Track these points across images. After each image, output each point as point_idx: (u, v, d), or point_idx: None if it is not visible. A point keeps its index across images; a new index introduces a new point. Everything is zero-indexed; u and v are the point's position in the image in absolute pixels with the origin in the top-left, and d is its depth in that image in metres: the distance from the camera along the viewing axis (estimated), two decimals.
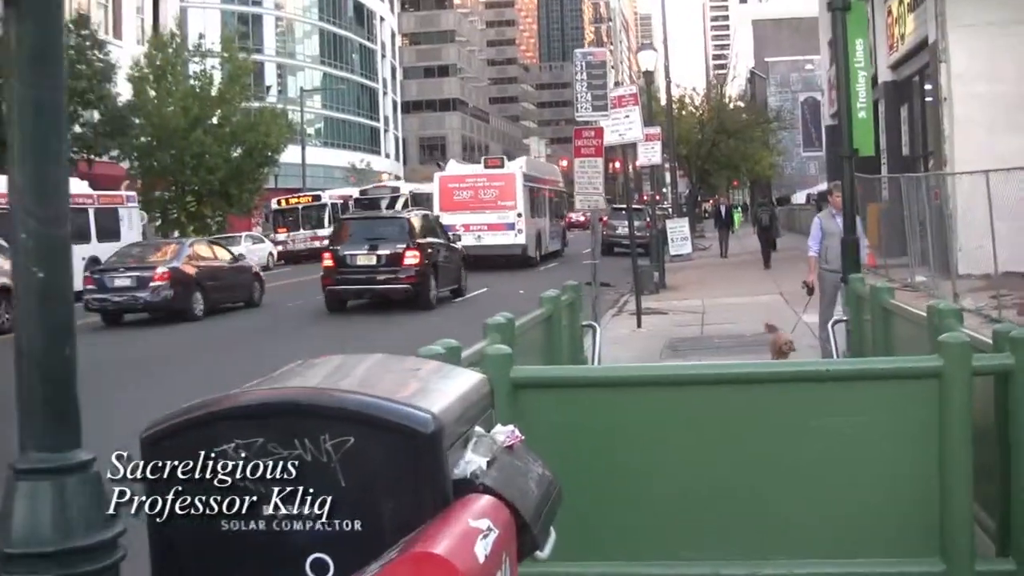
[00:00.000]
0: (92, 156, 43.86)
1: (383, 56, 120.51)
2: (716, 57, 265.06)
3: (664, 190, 57.68)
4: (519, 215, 39.66)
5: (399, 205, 48.59)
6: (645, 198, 39.83)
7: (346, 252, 25.96)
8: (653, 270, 27.87)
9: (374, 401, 3.08)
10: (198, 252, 27.75)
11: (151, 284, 25.18)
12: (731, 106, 59.79)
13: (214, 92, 52.82)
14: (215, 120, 52.51)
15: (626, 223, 26.75)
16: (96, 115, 43.93)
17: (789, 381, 5.46)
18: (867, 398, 5.27)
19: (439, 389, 3.45)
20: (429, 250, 26.72)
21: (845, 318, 11.30)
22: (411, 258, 25.63)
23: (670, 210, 44.84)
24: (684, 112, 54.01)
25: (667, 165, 42.61)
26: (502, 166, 41.98)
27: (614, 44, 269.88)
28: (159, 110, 49.35)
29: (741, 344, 17.12)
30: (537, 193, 44.18)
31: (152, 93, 50.35)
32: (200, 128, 49.91)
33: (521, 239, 39.42)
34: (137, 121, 48.63)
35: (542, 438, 4.44)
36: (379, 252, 25.73)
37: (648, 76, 31.94)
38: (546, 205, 46.15)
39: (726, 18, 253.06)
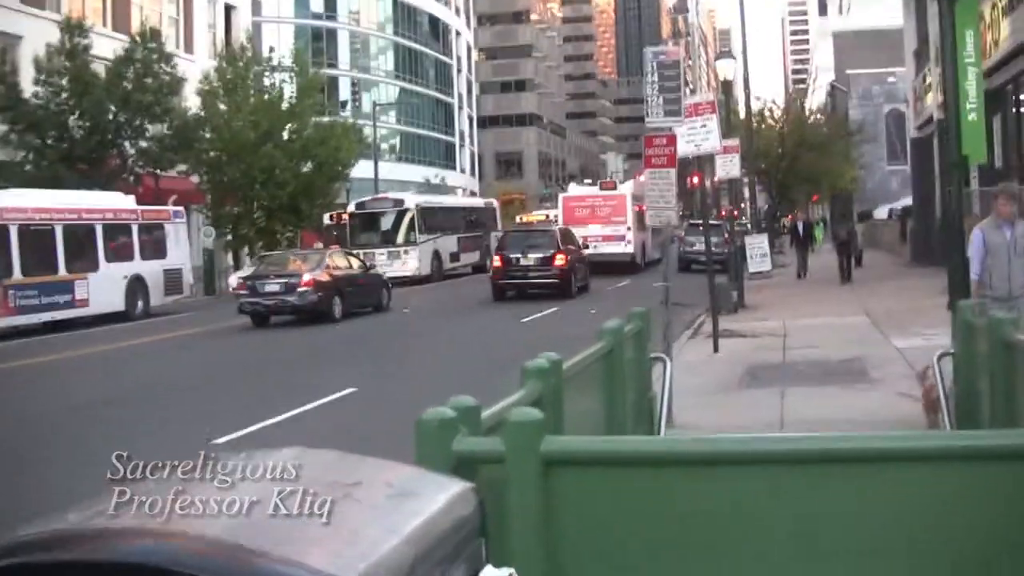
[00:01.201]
0: (158, 170, 43.25)
1: (459, 71, 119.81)
2: (796, 71, 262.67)
3: (743, 205, 56.42)
4: (628, 228, 47.27)
5: (404, 222, 47.95)
6: (723, 213, 40.86)
7: (511, 255, 34.56)
8: (731, 289, 26.43)
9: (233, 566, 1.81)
10: (336, 262, 31.76)
11: (298, 290, 29.03)
12: (811, 119, 58.20)
13: (284, 106, 52.23)
14: (285, 135, 51.87)
15: (703, 239, 25.95)
16: (163, 129, 43.30)
17: (938, 459, 4.05)
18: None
19: (382, 522, 2.11)
20: (570, 254, 35.23)
21: (952, 351, 9.79)
22: (559, 260, 34.33)
23: (749, 226, 44.17)
24: (764, 125, 52.54)
25: (746, 179, 42.07)
26: (614, 188, 51.44)
27: (693, 59, 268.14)
28: (229, 124, 48.77)
29: (827, 372, 15.78)
30: (641, 210, 47.53)
31: (222, 107, 49.82)
32: (270, 142, 49.21)
33: (630, 248, 46.84)
34: (208, 136, 48.12)
35: (584, 535, 3.61)
36: (536, 255, 34.26)
37: (727, 85, 30.60)
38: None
39: (806, 32, 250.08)
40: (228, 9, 60.72)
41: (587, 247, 41.15)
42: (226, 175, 48.69)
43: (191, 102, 48.76)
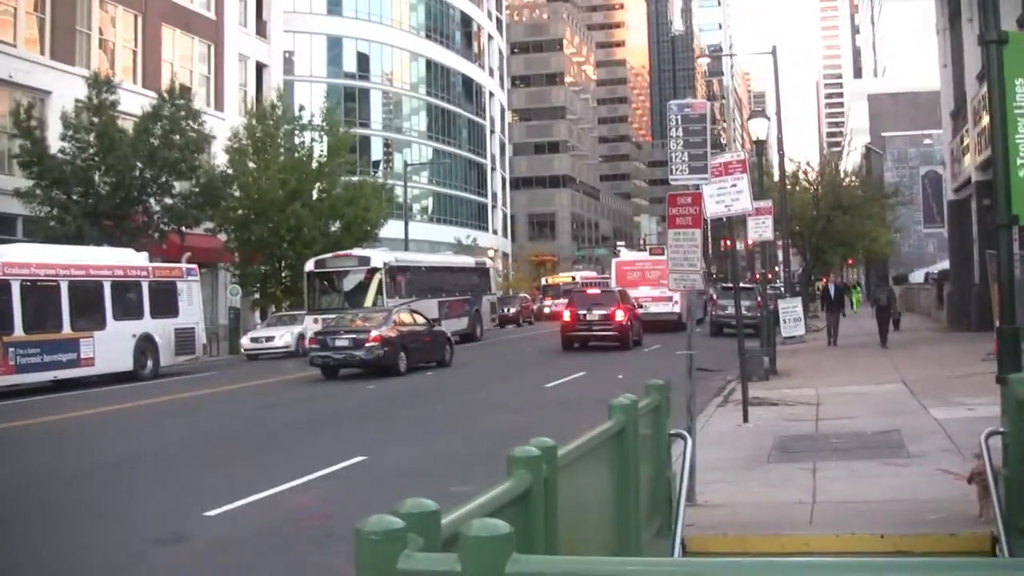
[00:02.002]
0: (184, 227, 42.85)
1: (492, 131, 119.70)
2: (831, 134, 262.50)
3: (776, 268, 55.68)
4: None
5: (372, 284, 43.17)
6: (755, 276, 40.65)
7: (580, 311, 39.99)
8: (763, 354, 25.53)
9: None
10: (401, 319, 33.37)
11: (366, 345, 30.78)
12: (846, 181, 57.46)
13: (314, 165, 51.95)
14: (315, 194, 51.53)
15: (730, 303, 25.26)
16: (189, 186, 42.97)
17: None
18: None
19: None
20: (628, 312, 40.20)
21: (1002, 429, 8.94)
22: (620, 316, 39.46)
23: (782, 289, 43.37)
24: (798, 187, 51.86)
25: (779, 242, 41.44)
26: (663, 254, 47.37)
27: (727, 121, 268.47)
28: (257, 182, 48.47)
29: (862, 444, 14.93)
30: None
31: (252, 165, 49.58)
32: (298, 201, 48.83)
33: (677, 308, 48.00)
34: (236, 194, 47.81)
35: None
36: (600, 312, 39.58)
37: (759, 145, 29.90)
38: None
39: (840, 94, 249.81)
40: (260, 67, 60.72)
41: (639, 307, 45.45)
42: (253, 233, 48.30)
43: (220, 159, 48.55)
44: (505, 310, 67.95)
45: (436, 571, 3.16)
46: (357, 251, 46.56)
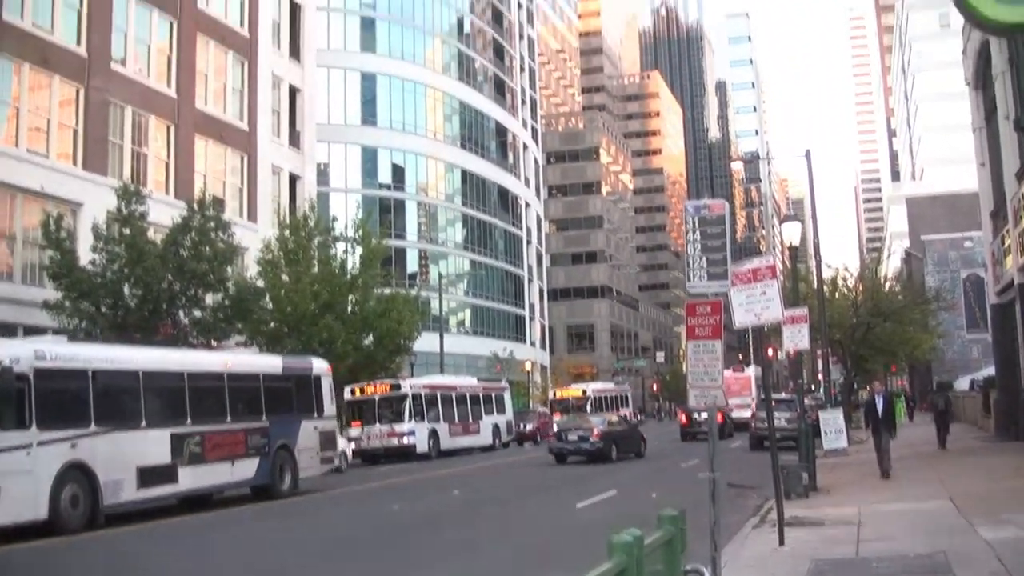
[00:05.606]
0: (213, 340, 42.31)
1: (529, 242, 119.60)
2: (870, 239, 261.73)
3: (818, 377, 54.92)
4: (752, 399, 63.04)
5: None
6: (792, 387, 40.52)
7: (692, 413, 52.34)
8: (802, 470, 24.46)
9: None
10: (610, 419, 44.70)
11: (590, 439, 40.52)
12: (887, 287, 56.60)
13: (347, 277, 51.60)
14: (348, 306, 51.11)
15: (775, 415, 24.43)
16: (219, 298, 42.53)
17: None
18: None
19: None
20: (725, 415, 51.92)
21: None
22: (719, 418, 42.46)
23: (823, 399, 42.44)
24: (837, 293, 50.99)
25: (819, 351, 40.64)
26: (743, 371, 73.62)
27: (766, 228, 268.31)
28: (289, 295, 48.07)
29: (906, 569, 13.94)
30: (760, 385, 59.60)
31: (285, 277, 49.27)
32: (330, 314, 48.36)
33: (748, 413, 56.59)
34: (268, 306, 47.37)
35: None
36: (707, 414, 41.19)
37: (793, 251, 29.16)
38: None
39: (879, 198, 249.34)
40: (293, 179, 60.74)
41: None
42: (285, 347, 47.75)
43: (252, 271, 48.25)
44: (522, 426, 65.77)
45: None
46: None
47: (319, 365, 34.73)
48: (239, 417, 29.31)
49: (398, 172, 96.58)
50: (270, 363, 33.86)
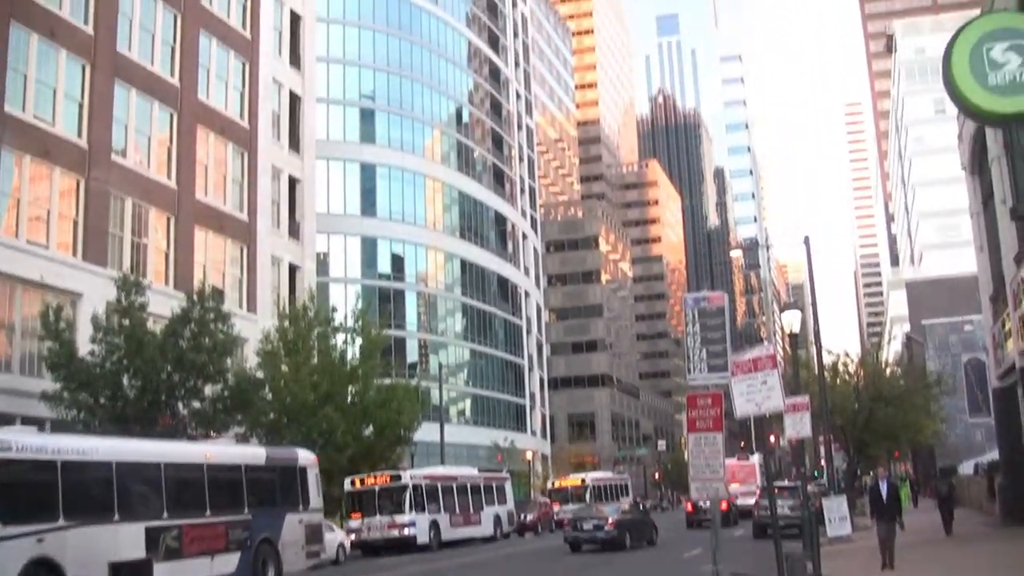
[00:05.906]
0: (212, 432, 42.04)
1: (529, 332, 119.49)
2: (871, 324, 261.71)
3: (821, 464, 54.45)
4: (757, 487, 60.27)
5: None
6: (794, 474, 40.32)
7: (698, 502, 50.00)
8: (805, 558, 24.13)
9: None
10: (623, 507, 47.36)
11: (605, 528, 41.11)
12: (888, 372, 56.48)
13: (347, 367, 51.45)
14: (347, 397, 50.91)
15: (778, 503, 24.00)
16: (218, 389, 42.34)
17: None
18: None
19: None
20: (730, 504, 52.57)
21: None
22: (724, 506, 47.73)
23: (826, 485, 42.10)
24: (838, 380, 50.84)
25: (821, 438, 40.48)
26: (748, 459, 71.97)
27: (766, 315, 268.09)
28: (288, 386, 47.89)
29: None
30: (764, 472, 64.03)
31: (284, 368, 49.10)
32: (330, 405, 48.14)
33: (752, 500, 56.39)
34: (269, 397, 47.16)
35: None
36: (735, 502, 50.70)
37: (794, 339, 29.07)
38: None
39: (879, 283, 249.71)
40: (292, 269, 60.81)
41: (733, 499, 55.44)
42: (284, 437, 47.47)
43: (252, 361, 48.09)
44: (523, 516, 64.31)
45: None
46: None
47: (304, 456, 33.93)
48: (219, 510, 28.12)
49: (397, 262, 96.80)
50: (253, 453, 32.78)
